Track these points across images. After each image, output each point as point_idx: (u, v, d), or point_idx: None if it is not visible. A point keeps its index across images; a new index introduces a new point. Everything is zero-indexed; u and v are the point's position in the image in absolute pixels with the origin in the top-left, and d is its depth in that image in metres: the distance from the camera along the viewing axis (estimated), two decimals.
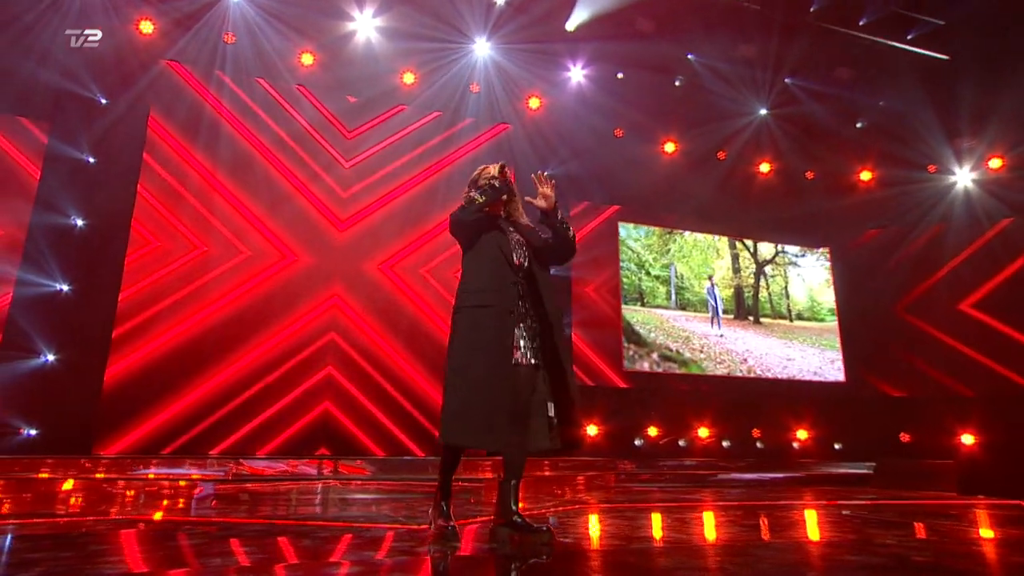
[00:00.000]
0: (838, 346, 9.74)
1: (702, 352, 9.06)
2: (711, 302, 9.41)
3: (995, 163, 9.02)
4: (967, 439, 7.39)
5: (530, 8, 7.61)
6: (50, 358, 6.14)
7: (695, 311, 9.29)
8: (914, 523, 3.62)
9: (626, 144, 9.12)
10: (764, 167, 9.85)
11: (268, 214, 7.27)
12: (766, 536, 3.08)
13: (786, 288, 9.94)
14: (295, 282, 7.20)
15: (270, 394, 6.77)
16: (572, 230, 2.78)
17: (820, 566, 2.27)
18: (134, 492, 4.73)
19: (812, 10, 7.74)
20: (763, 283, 9.84)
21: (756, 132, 9.36)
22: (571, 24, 7.92)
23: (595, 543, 2.77)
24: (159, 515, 3.36)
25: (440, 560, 2.26)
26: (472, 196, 2.73)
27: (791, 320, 9.78)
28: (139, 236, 6.69)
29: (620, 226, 9.20)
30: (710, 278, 9.55)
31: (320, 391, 6.98)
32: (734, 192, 9.73)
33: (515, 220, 2.85)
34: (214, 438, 6.47)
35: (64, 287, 6.33)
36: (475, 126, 8.43)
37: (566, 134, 8.77)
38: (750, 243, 9.93)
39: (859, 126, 9.36)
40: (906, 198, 9.59)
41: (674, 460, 7.86)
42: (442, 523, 2.58)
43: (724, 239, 9.79)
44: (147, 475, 5.48)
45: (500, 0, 7.52)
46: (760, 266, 9.91)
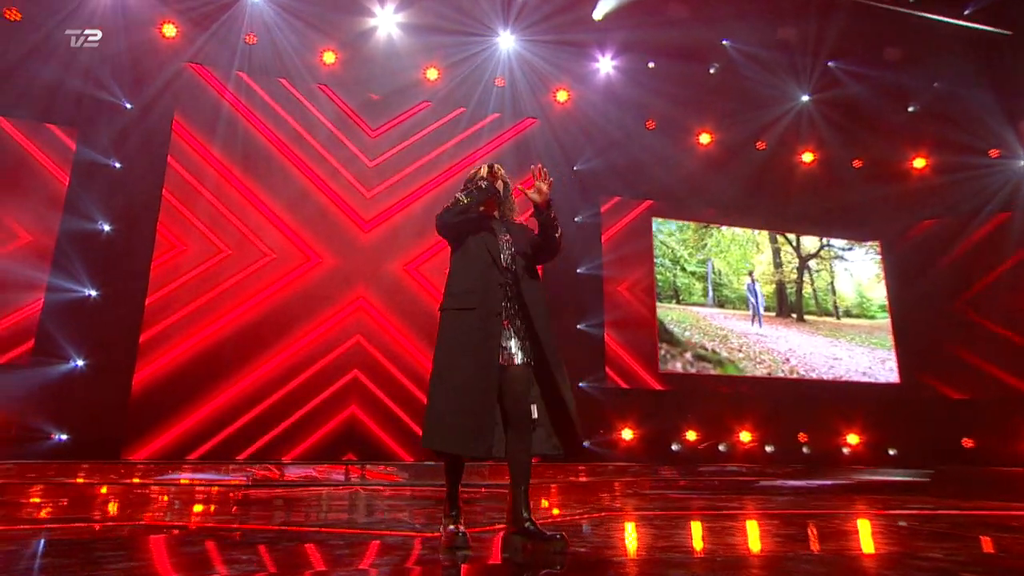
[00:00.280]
0: (890, 345, 9.15)
1: (740, 351, 8.62)
2: (751, 299, 8.95)
3: None
4: None
5: None
6: (79, 363, 6.19)
7: (734, 308, 8.86)
8: (969, 535, 3.25)
9: (658, 136, 8.81)
10: (807, 156, 9.38)
11: (292, 216, 7.21)
12: (800, 547, 2.79)
13: (832, 283, 9.40)
14: (319, 284, 7.12)
15: (296, 398, 6.70)
16: (561, 230, 2.74)
17: None
18: (164, 497, 4.72)
19: None
20: (807, 278, 9.33)
21: (797, 120, 8.99)
22: (598, 13, 7.67)
23: (615, 552, 2.62)
24: (177, 520, 3.31)
25: (448, 570, 2.18)
26: (458, 197, 2.70)
27: (838, 317, 9.24)
28: (164, 240, 6.70)
29: (653, 221, 8.85)
30: (750, 274, 9.10)
31: (346, 395, 6.88)
32: (774, 184, 9.31)
33: (508, 221, 2.82)
34: (241, 443, 6.43)
35: (92, 292, 6.38)
36: (501, 121, 8.22)
37: (595, 127, 8.52)
38: (792, 237, 9.43)
39: (911, 110, 8.85)
40: (965, 186, 9.03)
41: (714, 465, 7.58)
42: (452, 530, 2.51)
43: (764, 233, 9.31)
44: (177, 480, 5.48)
45: None
46: (803, 260, 9.40)
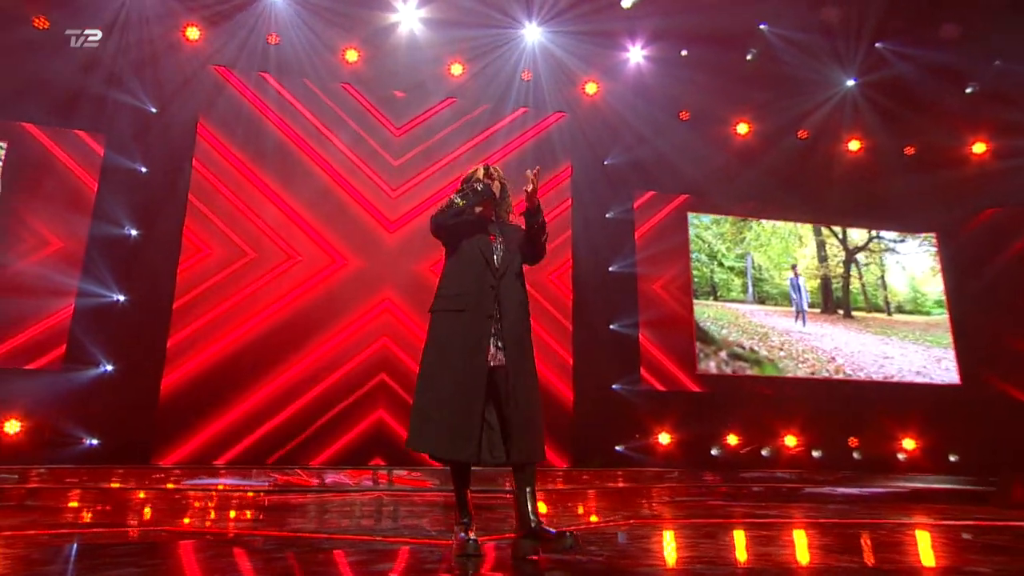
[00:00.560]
0: (948, 342, 8.57)
1: (782, 350, 8.17)
2: (794, 295, 8.49)
3: None
4: None
5: None
6: (108, 368, 6.22)
7: (775, 304, 8.41)
8: None
9: (693, 127, 8.48)
10: (853, 144, 8.88)
11: (316, 217, 7.13)
12: (832, 559, 2.51)
13: (882, 278, 8.86)
14: (345, 286, 7.02)
15: (324, 402, 6.64)
16: (546, 235, 2.77)
17: None
18: (196, 503, 4.71)
19: None
20: (855, 272, 8.80)
21: (841, 106, 8.55)
22: (627, 1, 7.35)
23: (632, 561, 2.53)
24: (193, 523, 3.25)
25: None
26: (452, 199, 2.69)
27: (889, 314, 8.70)
28: (190, 244, 6.70)
29: (689, 216, 8.47)
30: (793, 268, 8.63)
31: (374, 398, 6.77)
32: (818, 174, 8.85)
33: (503, 222, 2.83)
34: (268, 447, 6.39)
35: (120, 297, 6.42)
36: (528, 116, 7.98)
37: (627, 120, 8.24)
38: (838, 229, 8.92)
39: (969, 91, 8.26)
40: None
41: (757, 471, 7.24)
42: (463, 537, 2.50)
43: (807, 226, 8.83)
44: (199, 486, 5.43)
45: None
46: (851, 253, 8.88)
